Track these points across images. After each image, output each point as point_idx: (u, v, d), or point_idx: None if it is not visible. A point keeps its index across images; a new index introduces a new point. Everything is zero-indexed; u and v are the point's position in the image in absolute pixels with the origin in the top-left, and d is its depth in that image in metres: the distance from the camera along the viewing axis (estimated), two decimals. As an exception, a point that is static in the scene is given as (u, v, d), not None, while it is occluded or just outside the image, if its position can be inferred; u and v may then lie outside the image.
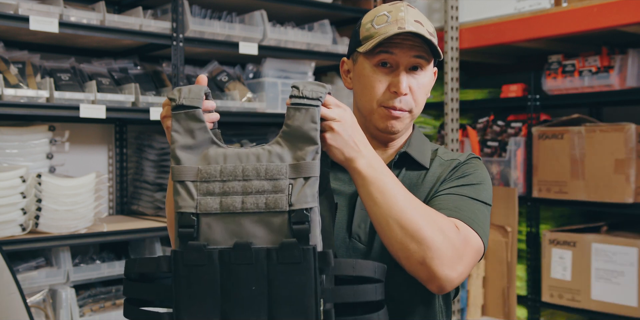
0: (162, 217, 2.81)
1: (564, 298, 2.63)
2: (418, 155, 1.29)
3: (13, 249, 2.18)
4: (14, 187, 2.20)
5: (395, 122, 1.25)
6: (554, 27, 2.59)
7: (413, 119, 1.28)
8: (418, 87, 1.25)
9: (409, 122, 1.27)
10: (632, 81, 2.59)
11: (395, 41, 1.22)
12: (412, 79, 1.24)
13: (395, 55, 1.22)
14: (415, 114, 1.27)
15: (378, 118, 1.25)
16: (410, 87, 1.23)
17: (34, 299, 2.30)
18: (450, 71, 2.91)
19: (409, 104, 1.24)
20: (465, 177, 1.24)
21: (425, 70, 1.26)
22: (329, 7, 3.04)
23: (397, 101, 1.23)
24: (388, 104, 1.23)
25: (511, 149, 2.87)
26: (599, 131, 2.55)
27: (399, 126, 1.25)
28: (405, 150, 1.29)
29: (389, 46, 1.22)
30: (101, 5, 2.51)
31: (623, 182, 2.46)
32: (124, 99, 2.49)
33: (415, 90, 1.24)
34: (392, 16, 1.23)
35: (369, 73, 1.25)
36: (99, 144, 2.97)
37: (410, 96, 1.24)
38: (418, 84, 1.25)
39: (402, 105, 1.23)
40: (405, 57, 1.22)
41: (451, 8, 2.90)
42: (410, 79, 1.24)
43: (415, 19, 1.23)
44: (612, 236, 2.53)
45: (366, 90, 1.26)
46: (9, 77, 2.28)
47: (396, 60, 1.23)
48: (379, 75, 1.24)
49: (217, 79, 2.91)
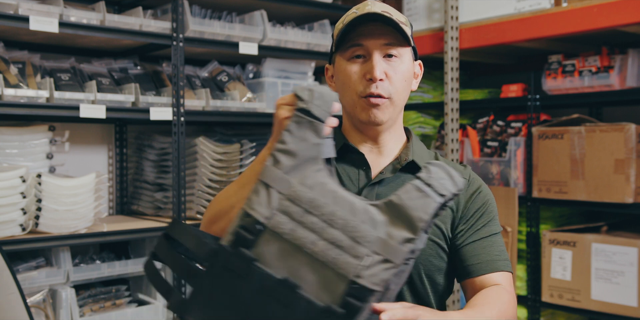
0: (162, 217, 2.81)
1: (564, 298, 2.63)
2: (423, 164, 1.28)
3: (13, 249, 2.18)
4: (14, 187, 2.20)
5: (377, 111, 1.24)
6: (554, 27, 2.59)
7: (396, 108, 1.27)
8: (395, 73, 1.24)
9: (392, 111, 1.26)
10: (632, 81, 2.58)
11: (363, 32, 1.23)
12: (387, 66, 1.24)
13: (365, 46, 1.24)
14: (396, 101, 1.26)
15: (360, 110, 1.26)
16: (386, 72, 1.23)
17: (34, 299, 2.30)
18: (450, 71, 2.91)
19: (387, 90, 1.23)
20: (485, 214, 1.29)
21: (401, 57, 1.26)
22: (329, 7, 3.04)
23: (374, 87, 1.22)
24: (365, 92, 1.23)
25: (511, 149, 2.86)
26: (599, 131, 2.55)
27: (381, 115, 1.25)
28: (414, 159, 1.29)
29: (358, 39, 1.24)
30: (101, 5, 2.51)
31: (623, 182, 2.46)
32: (124, 99, 2.49)
33: (391, 75, 1.24)
34: (360, 11, 1.24)
35: (345, 67, 1.26)
36: (99, 144, 2.97)
37: (387, 82, 1.23)
38: (395, 70, 1.24)
39: (380, 91, 1.23)
40: (375, 45, 1.23)
41: (451, 8, 2.90)
42: (385, 65, 1.24)
43: (383, 9, 1.24)
44: (612, 236, 2.53)
45: (345, 85, 1.27)
46: (9, 77, 2.28)
47: (367, 50, 1.24)
48: (353, 66, 1.25)
49: (217, 79, 2.91)
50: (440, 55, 3.04)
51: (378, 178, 1.27)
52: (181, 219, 2.58)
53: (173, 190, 2.59)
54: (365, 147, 1.31)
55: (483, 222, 1.29)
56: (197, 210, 2.67)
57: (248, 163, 2.78)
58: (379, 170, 1.29)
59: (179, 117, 2.58)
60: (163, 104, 2.60)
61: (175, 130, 2.57)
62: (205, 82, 2.87)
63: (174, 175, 2.59)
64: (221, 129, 2.97)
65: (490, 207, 1.32)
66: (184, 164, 2.61)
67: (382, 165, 1.31)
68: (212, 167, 2.67)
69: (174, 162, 2.59)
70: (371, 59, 1.23)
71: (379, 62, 1.23)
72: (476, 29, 2.85)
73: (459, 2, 2.93)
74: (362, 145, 1.32)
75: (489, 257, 1.25)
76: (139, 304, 2.60)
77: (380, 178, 1.27)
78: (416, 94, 3.33)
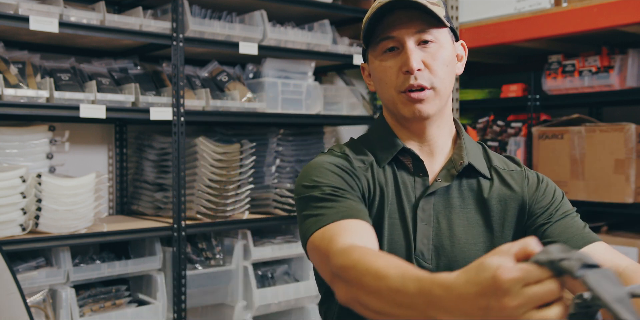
0: (162, 217, 2.81)
1: (564, 298, 2.63)
2: (480, 166, 1.19)
3: (13, 249, 2.18)
4: (14, 187, 2.20)
5: (421, 106, 1.12)
6: (554, 27, 2.59)
7: (442, 98, 1.15)
8: (434, 59, 1.13)
9: (438, 102, 1.14)
10: (632, 81, 2.58)
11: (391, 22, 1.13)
12: (424, 54, 1.13)
13: (396, 37, 1.13)
14: (440, 91, 1.13)
15: (402, 106, 1.14)
16: (424, 61, 1.12)
17: (34, 299, 2.30)
18: (450, 71, 2.91)
19: (427, 80, 1.12)
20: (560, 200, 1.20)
21: (439, 41, 1.14)
22: (329, 7, 3.04)
23: (412, 79, 1.11)
24: (404, 86, 1.12)
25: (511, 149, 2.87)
26: (599, 131, 2.55)
27: (427, 109, 1.13)
28: (470, 161, 1.18)
29: (387, 31, 1.13)
30: (101, 5, 2.51)
31: (623, 182, 2.46)
32: (124, 99, 2.49)
33: (430, 63, 1.12)
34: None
35: (379, 64, 1.16)
36: (99, 144, 2.97)
37: (426, 71, 1.12)
38: (433, 56, 1.13)
39: (420, 82, 1.11)
40: (407, 34, 1.12)
41: (451, 8, 2.90)
42: (422, 53, 1.13)
43: None
44: (612, 236, 2.53)
45: (381, 82, 1.16)
46: (9, 77, 2.28)
47: (399, 41, 1.13)
48: (387, 61, 1.15)
49: (217, 79, 2.91)
50: (440, 55, 3.04)
51: (434, 187, 1.16)
52: (181, 219, 2.58)
53: (173, 190, 2.59)
54: (412, 145, 1.20)
55: (563, 209, 1.20)
56: (197, 210, 2.67)
57: (248, 163, 2.78)
58: (434, 177, 1.18)
59: (179, 117, 2.58)
60: (163, 104, 2.60)
61: (175, 130, 2.57)
62: (205, 82, 2.87)
63: (174, 175, 2.59)
64: (221, 129, 2.97)
65: (557, 193, 1.22)
66: (184, 164, 2.61)
67: (436, 168, 1.19)
68: (212, 167, 2.67)
69: (174, 162, 2.59)
70: (405, 49, 1.12)
71: (414, 51, 1.11)
72: (476, 29, 2.85)
73: (459, 2, 2.93)
74: (408, 142, 1.20)
75: (578, 231, 1.16)
76: (139, 304, 2.60)
77: (437, 187, 1.16)
78: (416, 94, 3.33)
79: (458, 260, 1.13)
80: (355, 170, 1.15)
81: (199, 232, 2.72)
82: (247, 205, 2.81)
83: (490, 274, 0.63)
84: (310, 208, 1.08)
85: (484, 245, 1.15)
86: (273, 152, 3.01)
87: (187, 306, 2.63)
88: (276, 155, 3.01)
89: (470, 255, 1.13)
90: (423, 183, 1.17)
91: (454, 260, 1.13)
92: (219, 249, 2.88)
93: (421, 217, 1.14)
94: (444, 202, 1.16)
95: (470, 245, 1.14)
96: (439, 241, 1.14)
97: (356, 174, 1.14)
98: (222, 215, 2.72)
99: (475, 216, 1.17)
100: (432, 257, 1.13)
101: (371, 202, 1.15)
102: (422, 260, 1.12)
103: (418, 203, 1.15)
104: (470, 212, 1.17)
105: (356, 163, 1.17)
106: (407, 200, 1.15)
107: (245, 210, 2.81)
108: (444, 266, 1.12)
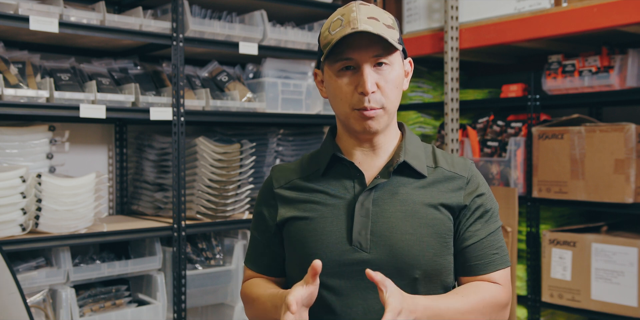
0: (162, 217, 2.81)
1: (564, 298, 2.63)
2: (417, 164, 1.31)
3: (13, 249, 2.18)
4: (14, 187, 2.20)
5: (371, 122, 1.26)
6: (554, 27, 2.59)
7: (390, 115, 1.28)
8: (386, 82, 1.25)
9: (386, 119, 1.28)
10: (632, 81, 2.58)
11: (352, 45, 1.22)
12: (378, 76, 1.24)
13: (354, 60, 1.24)
14: (389, 110, 1.27)
15: (354, 122, 1.27)
16: (378, 84, 1.24)
17: (34, 299, 2.30)
18: (450, 71, 2.91)
19: (379, 101, 1.24)
20: (487, 211, 1.32)
21: (391, 64, 1.26)
22: (329, 7, 3.04)
23: (366, 101, 1.23)
24: (359, 106, 1.24)
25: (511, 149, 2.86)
26: (599, 131, 2.55)
27: (376, 125, 1.26)
28: (405, 159, 1.30)
29: (346, 52, 1.23)
30: (101, 5, 2.51)
31: (623, 182, 2.46)
32: (124, 99, 2.49)
33: (383, 86, 1.24)
34: (345, 19, 1.23)
35: (335, 79, 1.27)
36: (99, 144, 2.97)
37: (378, 93, 1.24)
38: (386, 79, 1.25)
39: (373, 104, 1.24)
40: (364, 57, 1.23)
41: (451, 8, 2.90)
42: (376, 75, 1.24)
43: (368, 15, 1.23)
44: (612, 236, 2.53)
45: (337, 97, 1.27)
46: (9, 77, 2.28)
47: (357, 62, 1.24)
48: (344, 78, 1.25)
49: (217, 79, 2.91)
50: (440, 55, 3.04)
51: (372, 184, 1.29)
52: (181, 219, 2.58)
53: (173, 190, 2.59)
54: (359, 150, 1.33)
55: (483, 221, 1.31)
56: (197, 210, 2.67)
57: (248, 163, 2.78)
58: (374, 174, 1.31)
59: (179, 117, 2.58)
60: (163, 104, 2.60)
61: (175, 130, 2.57)
62: (205, 82, 2.87)
63: (174, 175, 2.59)
64: (221, 129, 2.97)
65: (488, 203, 1.33)
66: (184, 164, 2.61)
67: (377, 167, 1.32)
68: (212, 167, 2.67)
69: (174, 162, 2.59)
70: (361, 71, 1.23)
71: (370, 75, 1.23)
72: (476, 29, 2.85)
73: (459, 2, 2.93)
74: (356, 149, 1.33)
75: (487, 259, 1.30)
76: (139, 304, 2.60)
77: (375, 184, 1.29)
78: (416, 94, 3.33)
79: (399, 248, 1.25)
80: (273, 193, 1.37)
81: (199, 232, 2.72)
82: (247, 205, 2.81)
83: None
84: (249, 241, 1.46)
85: (425, 232, 1.27)
86: (273, 152, 3.01)
87: (187, 306, 2.63)
88: (276, 155, 3.01)
89: (410, 243, 1.25)
90: (360, 182, 1.30)
91: (395, 248, 1.25)
92: (219, 249, 2.88)
93: (359, 211, 1.27)
94: (383, 196, 1.28)
95: (408, 235, 1.25)
96: (377, 231, 1.26)
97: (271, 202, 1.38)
98: (222, 215, 2.72)
99: (412, 207, 1.28)
100: (370, 247, 1.25)
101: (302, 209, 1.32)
102: (360, 250, 1.25)
103: (357, 198, 1.28)
104: (407, 204, 1.28)
105: (277, 184, 1.38)
106: (346, 198, 1.29)
107: (245, 210, 2.81)
108: (386, 254, 1.24)
